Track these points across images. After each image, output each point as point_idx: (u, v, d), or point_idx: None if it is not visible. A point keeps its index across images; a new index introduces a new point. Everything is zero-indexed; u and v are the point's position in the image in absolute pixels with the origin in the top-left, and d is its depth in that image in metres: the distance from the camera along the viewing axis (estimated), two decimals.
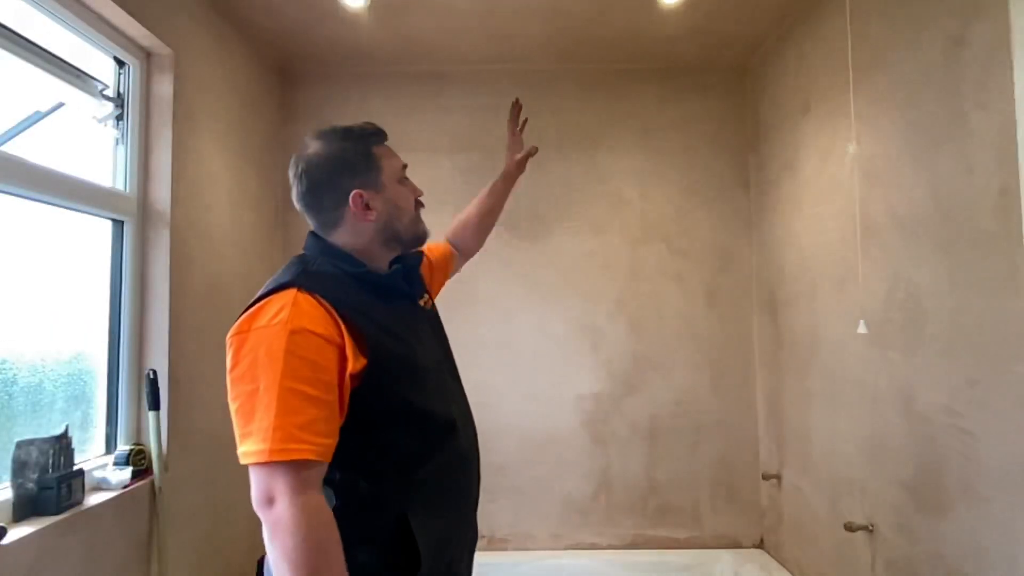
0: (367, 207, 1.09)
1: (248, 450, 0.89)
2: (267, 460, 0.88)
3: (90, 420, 1.78)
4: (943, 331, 1.58)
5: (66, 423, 1.59)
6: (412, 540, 0.99)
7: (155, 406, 1.81)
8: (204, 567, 2.08)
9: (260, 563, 1.08)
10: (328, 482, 0.97)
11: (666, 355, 2.79)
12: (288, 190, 1.15)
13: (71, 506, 1.53)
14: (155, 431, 1.81)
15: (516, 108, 1.69)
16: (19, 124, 1.54)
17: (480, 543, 2.61)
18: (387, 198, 1.11)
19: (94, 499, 1.62)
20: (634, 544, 2.73)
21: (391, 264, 1.17)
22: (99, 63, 1.83)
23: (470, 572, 1.18)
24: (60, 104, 1.65)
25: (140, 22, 1.80)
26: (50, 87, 1.65)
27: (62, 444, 1.54)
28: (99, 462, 1.76)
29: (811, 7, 2.24)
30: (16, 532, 1.37)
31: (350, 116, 2.79)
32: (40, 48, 1.59)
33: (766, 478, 2.62)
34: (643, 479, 2.75)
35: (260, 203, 2.60)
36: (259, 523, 0.91)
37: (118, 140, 1.89)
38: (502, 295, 2.80)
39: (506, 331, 2.79)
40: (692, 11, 2.35)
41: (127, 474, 1.72)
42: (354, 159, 1.10)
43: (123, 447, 1.80)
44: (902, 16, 1.73)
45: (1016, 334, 1.35)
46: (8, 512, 1.42)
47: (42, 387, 1.61)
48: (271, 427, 0.88)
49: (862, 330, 1.80)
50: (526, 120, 1.72)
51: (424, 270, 1.36)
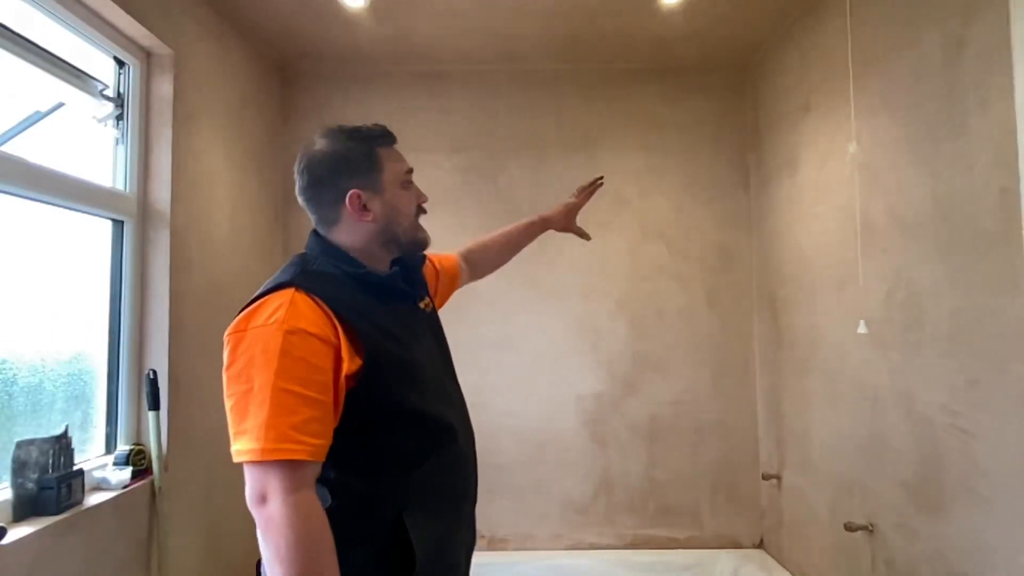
0: (364, 208, 1.09)
1: (241, 448, 0.90)
2: (259, 459, 0.88)
3: (90, 420, 1.78)
4: (943, 331, 1.58)
5: (66, 423, 1.59)
6: (408, 541, 0.99)
7: (155, 406, 1.82)
8: (204, 567, 2.08)
9: (259, 564, 1.08)
10: (324, 482, 0.97)
11: (666, 355, 2.79)
12: (288, 190, 1.16)
13: (71, 506, 1.53)
14: (155, 431, 1.81)
15: (596, 184, 1.75)
16: (19, 124, 1.54)
17: (480, 543, 2.62)
18: (386, 200, 1.10)
19: (94, 499, 1.62)
20: (634, 544, 2.73)
21: (392, 265, 1.17)
22: (99, 63, 1.83)
23: (467, 574, 1.17)
24: (60, 104, 1.65)
25: (140, 22, 1.81)
26: (50, 87, 1.65)
27: (62, 444, 1.54)
28: (99, 462, 1.76)
29: (811, 7, 2.24)
30: (16, 532, 1.37)
31: (350, 116, 2.80)
32: (40, 48, 1.59)
33: (766, 478, 2.62)
34: (643, 479, 2.75)
35: (260, 203, 2.60)
36: None
37: (118, 140, 1.89)
38: (502, 295, 2.80)
39: (506, 331, 2.79)
40: (692, 11, 2.36)
41: (127, 474, 1.72)
42: (356, 159, 1.10)
43: (123, 447, 1.81)
44: (902, 16, 1.73)
45: (1016, 334, 1.35)
46: (8, 512, 1.42)
47: (42, 387, 1.61)
48: (264, 426, 0.88)
49: (862, 330, 1.80)
50: (600, 184, 1.77)
51: (429, 275, 1.36)
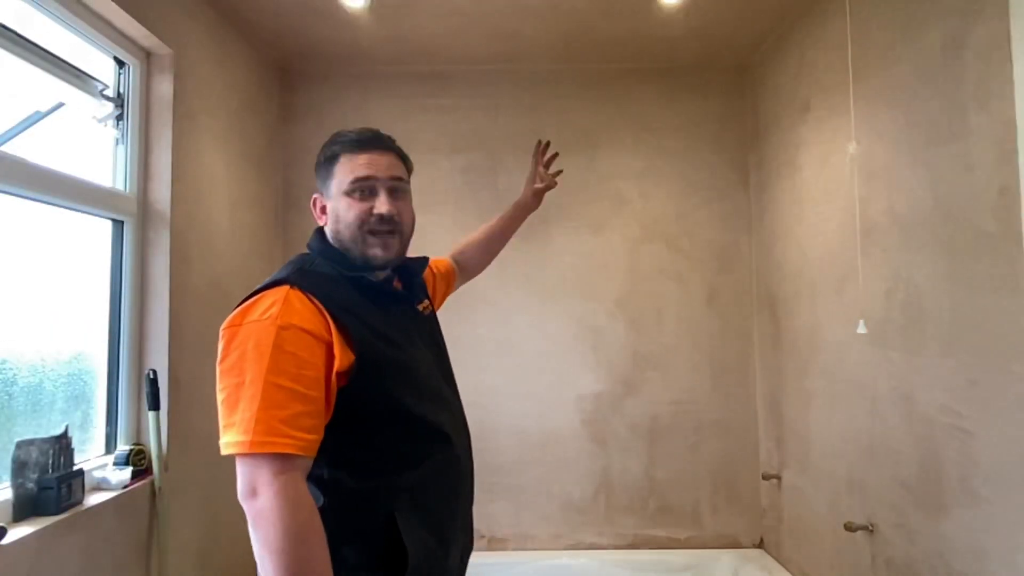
0: (323, 211, 1.15)
1: (229, 440, 0.91)
2: (248, 452, 0.89)
3: (90, 420, 1.78)
4: (943, 331, 1.58)
5: (66, 423, 1.59)
6: (400, 541, 0.99)
7: (155, 406, 1.81)
8: (204, 567, 2.08)
9: None
10: (316, 480, 0.98)
11: (666, 355, 2.79)
12: (288, 190, 1.16)
13: (71, 506, 1.53)
14: (155, 431, 1.81)
15: (543, 145, 1.72)
16: (19, 124, 1.53)
17: (480, 543, 2.63)
18: (333, 208, 1.12)
19: (94, 499, 1.62)
20: (634, 544, 2.73)
21: (395, 269, 1.18)
22: (99, 63, 1.83)
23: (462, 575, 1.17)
24: (60, 104, 1.65)
25: (140, 22, 1.81)
26: (50, 87, 1.65)
27: (62, 444, 1.54)
28: (99, 462, 1.76)
29: (811, 7, 2.24)
30: (16, 532, 1.37)
31: (350, 116, 2.82)
32: (40, 48, 1.59)
33: (766, 478, 2.62)
34: (643, 479, 2.75)
35: (260, 203, 2.59)
36: None
37: (118, 140, 1.89)
38: (502, 295, 2.80)
39: (506, 331, 2.79)
40: (692, 11, 2.35)
41: (127, 474, 1.72)
42: (321, 162, 1.15)
43: (123, 447, 1.81)
44: (902, 16, 1.73)
45: (1016, 334, 1.35)
46: (8, 512, 1.42)
47: (42, 387, 1.61)
48: (253, 419, 0.89)
49: (862, 330, 1.80)
50: (556, 155, 1.74)
51: (428, 278, 1.38)
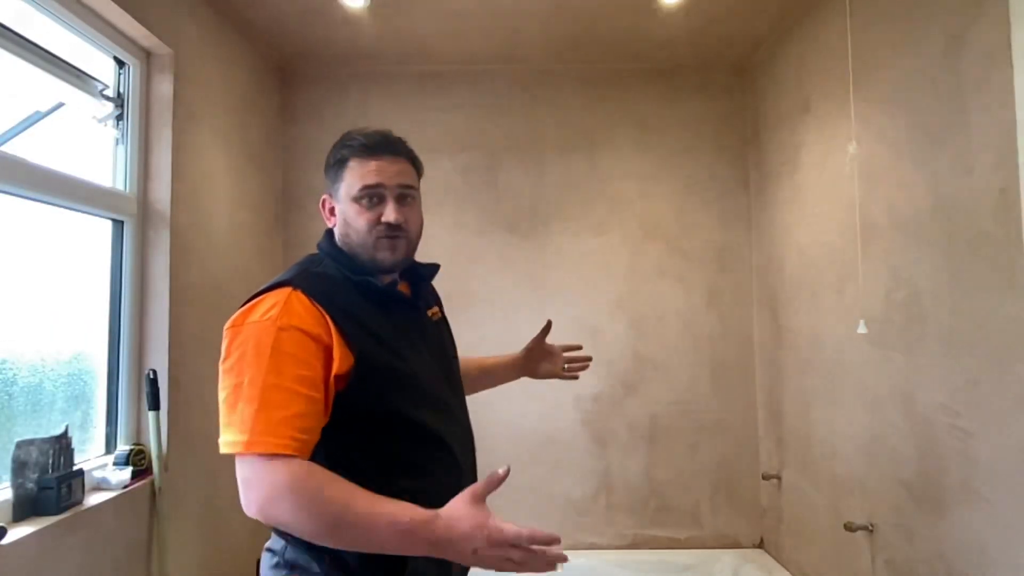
0: (332, 213, 1.14)
1: (227, 439, 0.92)
2: (244, 451, 0.89)
3: (90, 420, 1.78)
4: (943, 331, 1.58)
5: (66, 423, 1.59)
6: None
7: (155, 406, 1.81)
8: (204, 567, 2.08)
9: (259, 564, 1.08)
10: None
11: (666, 355, 2.79)
12: (288, 190, 1.16)
13: (71, 506, 1.53)
14: (155, 431, 1.81)
15: (545, 330, 1.64)
16: (19, 124, 1.53)
17: None
18: (342, 211, 1.12)
19: (94, 499, 1.62)
20: (634, 544, 2.73)
21: (403, 273, 1.18)
22: (99, 63, 1.82)
23: None
24: (60, 104, 1.65)
25: (140, 22, 1.80)
26: (50, 87, 1.65)
27: (62, 444, 1.53)
28: (99, 462, 1.76)
29: (811, 7, 2.24)
30: (16, 532, 1.37)
31: (350, 116, 2.82)
32: (40, 48, 1.59)
33: (766, 478, 2.62)
34: (643, 479, 2.75)
35: (260, 203, 2.59)
36: (258, 523, 0.92)
37: (118, 140, 1.89)
38: (502, 295, 2.80)
39: (506, 331, 2.79)
40: (692, 11, 2.35)
41: (127, 474, 1.72)
42: (331, 163, 1.13)
43: (123, 447, 1.81)
44: (902, 16, 1.73)
45: (1016, 334, 1.35)
46: (8, 512, 1.42)
47: (42, 387, 1.61)
48: (251, 419, 0.90)
49: (862, 330, 1.80)
50: (588, 361, 1.69)
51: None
